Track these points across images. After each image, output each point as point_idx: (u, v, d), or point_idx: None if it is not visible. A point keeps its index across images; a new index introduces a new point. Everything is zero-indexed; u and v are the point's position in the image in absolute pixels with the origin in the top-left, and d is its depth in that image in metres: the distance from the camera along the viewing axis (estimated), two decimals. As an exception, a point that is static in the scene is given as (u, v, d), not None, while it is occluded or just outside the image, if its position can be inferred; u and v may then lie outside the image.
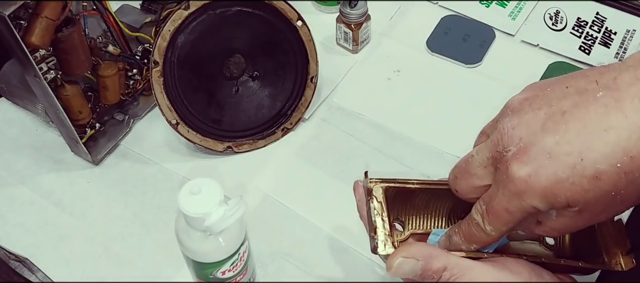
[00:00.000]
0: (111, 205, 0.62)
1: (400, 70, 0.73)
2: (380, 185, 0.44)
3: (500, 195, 0.38)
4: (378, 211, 0.43)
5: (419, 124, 0.68)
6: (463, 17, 0.78)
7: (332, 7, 0.79)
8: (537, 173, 0.36)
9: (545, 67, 0.72)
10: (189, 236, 0.47)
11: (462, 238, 0.42)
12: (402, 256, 0.40)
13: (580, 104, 0.36)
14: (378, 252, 0.42)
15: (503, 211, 0.38)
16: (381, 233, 0.43)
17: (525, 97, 0.39)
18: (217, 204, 0.44)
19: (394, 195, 0.45)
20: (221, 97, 0.65)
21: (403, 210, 0.47)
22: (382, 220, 0.43)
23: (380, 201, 0.44)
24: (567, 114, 0.36)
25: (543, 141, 0.36)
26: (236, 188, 0.63)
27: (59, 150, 0.66)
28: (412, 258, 0.40)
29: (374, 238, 0.43)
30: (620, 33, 0.75)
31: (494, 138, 0.38)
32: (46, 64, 0.58)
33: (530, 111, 0.38)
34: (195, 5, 0.58)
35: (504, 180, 0.37)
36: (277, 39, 0.64)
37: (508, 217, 0.38)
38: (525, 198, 0.37)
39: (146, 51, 0.67)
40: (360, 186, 0.46)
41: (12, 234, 0.60)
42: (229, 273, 0.50)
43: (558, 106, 0.37)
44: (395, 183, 0.45)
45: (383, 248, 0.42)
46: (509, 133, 0.37)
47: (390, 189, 0.45)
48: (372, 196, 0.44)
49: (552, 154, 0.36)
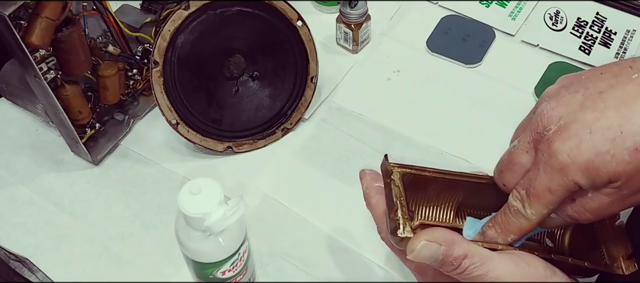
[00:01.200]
0: (111, 205, 0.62)
1: (400, 70, 0.73)
2: (398, 170, 0.44)
3: (541, 174, 0.38)
4: (397, 194, 0.43)
5: (419, 124, 0.68)
6: (463, 17, 0.78)
7: (332, 7, 0.79)
8: (579, 147, 0.37)
9: (545, 67, 0.72)
10: (189, 236, 0.47)
11: (499, 230, 0.42)
12: (425, 239, 0.40)
13: (616, 85, 0.38)
14: (397, 234, 0.41)
15: (545, 191, 0.39)
16: (401, 215, 0.42)
17: (562, 85, 0.40)
18: (217, 204, 0.44)
19: (409, 182, 0.45)
20: (221, 97, 0.65)
21: (414, 200, 0.47)
22: (401, 203, 0.43)
23: (398, 185, 0.43)
24: (604, 93, 0.38)
25: (583, 118, 0.37)
26: (236, 188, 0.63)
27: (59, 150, 0.66)
28: (435, 243, 0.40)
29: (394, 219, 0.42)
30: (620, 33, 0.75)
31: (533, 121, 0.39)
32: (46, 64, 0.58)
33: (567, 94, 0.39)
34: (195, 5, 0.58)
35: (545, 158, 0.38)
36: (277, 39, 0.64)
37: (550, 197, 0.39)
38: (568, 173, 0.37)
39: (146, 51, 0.67)
40: (367, 174, 0.46)
41: (12, 234, 0.60)
42: (229, 273, 0.50)
43: (594, 87, 0.38)
44: (412, 170, 0.45)
45: (402, 230, 0.41)
46: (549, 114, 0.39)
47: (407, 175, 0.44)
48: (391, 179, 0.44)
49: (593, 129, 0.37)
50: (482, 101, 0.69)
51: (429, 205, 0.48)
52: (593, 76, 0.39)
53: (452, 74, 0.73)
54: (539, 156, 0.39)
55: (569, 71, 0.72)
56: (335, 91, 0.71)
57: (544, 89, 0.68)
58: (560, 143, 0.37)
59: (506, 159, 0.41)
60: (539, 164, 0.39)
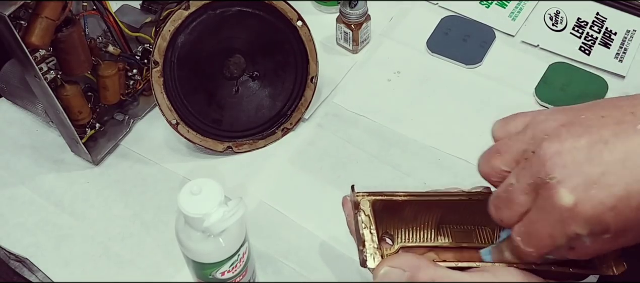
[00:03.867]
0: (111, 205, 0.62)
1: (400, 71, 0.73)
2: (367, 199, 0.44)
3: (543, 221, 0.38)
4: (366, 224, 0.43)
5: (420, 125, 0.68)
6: (463, 17, 0.78)
7: (332, 7, 0.79)
8: (583, 202, 0.36)
9: (545, 68, 0.72)
10: (188, 237, 0.47)
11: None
12: (388, 265, 0.41)
13: (620, 135, 0.37)
14: (367, 266, 0.42)
15: (546, 237, 0.39)
16: (369, 246, 0.42)
17: (562, 124, 0.39)
18: (217, 205, 0.44)
19: (382, 208, 0.45)
20: (221, 97, 0.65)
21: (392, 223, 0.47)
22: (371, 232, 0.43)
23: (368, 215, 0.44)
24: (609, 144, 0.37)
25: (589, 172, 0.37)
26: (236, 189, 0.63)
27: (59, 150, 0.66)
28: (398, 269, 0.40)
29: (362, 251, 0.42)
30: (620, 33, 0.75)
31: (534, 164, 0.39)
32: (46, 64, 0.58)
33: (570, 138, 0.38)
34: (195, 5, 0.58)
35: (548, 207, 0.38)
36: (277, 39, 0.64)
37: (550, 242, 0.39)
38: (571, 225, 0.37)
39: (146, 51, 0.67)
40: (349, 201, 0.46)
41: (12, 234, 0.60)
42: (229, 274, 0.50)
43: (598, 134, 0.37)
44: (382, 196, 0.45)
45: (372, 261, 0.42)
46: (553, 159, 0.38)
47: (377, 202, 0.45)
48: (359, 210, 0.44)
49: (599, 184, 0.36)
50: (483, 102, 0.69)
51: (408, 227, 0.47)
52: (593, 116, 0.39)
53: (453, 74, 0.73)
54: (541, 202, 0.38)
55: (570, 71, 0.72)
56: (336, 93, 0.71)
57: (544, 90, 0.70)
58: (564, 195, 0.37)
59: (504, 197, 0.41)
60: (540, 210, 0.38)
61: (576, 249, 0.39)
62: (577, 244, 0.39)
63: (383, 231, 0.47)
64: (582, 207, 0.37)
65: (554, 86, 0.70)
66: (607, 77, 0.71)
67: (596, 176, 0.36)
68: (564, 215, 0.37)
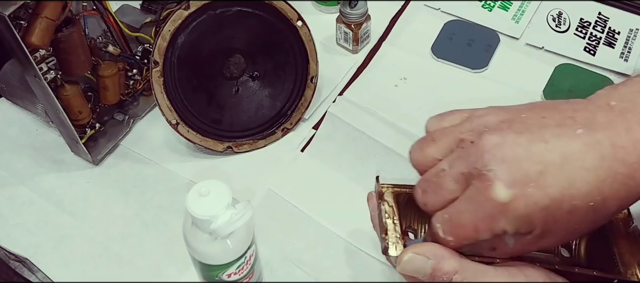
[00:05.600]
0: (111, 205, 0.62)
1: (406, 77, 0.72)
2: (391, 190, 0.44)
3: (470, 212, 0.37)
4: (389, 214, 0.43)
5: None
6: (466, 21, 0.77)
7: (332, 7, 0.78)
8: (518, 199, 0.36)
9: (551, 70, 0.71)
10: (196, 238, 0.47)
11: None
12: (413, 252, 0.40)
13: (561, 137, 0.37)
14: (389, 253, 0.42)
15: (470, 228, 0.38)
16: (392, 235, 0.42)
17: (502, 120, 0.39)
18: (225, 207, 0.44)
19: (406, 202, 0.45)
20: (221, 97, 0.65)
21: (415, 218, 0.47)
22: (394, 223, 0.42)
23: (392, 206, 0.43)
24: (549, 144, 0.37)
25: (528, 168, 0.36)
26: (235, 189, 0.63)
27: (59, 150, 0.66)
28: (422, 256, 0.39)
29: (384, 239, 0.42)
30: (624, 33, 0.75)
31: (472, 154, 0.38)
32: (46, 64, 0.58)
33: (511, 133, 0.37)
34: (195, 5, 0.58)
35: (480, 199, 0.37)
36: (277, 39, 0.64)
37: (473, 234, 0.38)
38: (500, 220, 0.37)
39: (146, 51, 0.67)
40: (374, 196, 0.46)
41: (12, 234, 0.60)
42: (235, 276, 0.49)
43: (539, 134, 0.37)
44: (407, 189, 0.44)
45: (394, 249, 0.41)
46: (492, 151, 0.37)
47: (402, 195, 0.44)
48: (383, 200, 0.43)
49: (536, 182, 0.36)
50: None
51: None
52: (534, 117, 0.38)
53: (460, 80, 0.72)
54: (473, 192, 0.37)
55: (576, 72, 0.71)
56: (343, 99, 0.70)
57: (553, 92, 0.70)
58: (501, 190, 0.36)
59: (434, 182, 0.40)
60: (470, 201, 0.38)
61: (498, 249, 0.39)
62: (499, 244, 0.38)
63: (406, 225, 0.46)
64: (515, 204, 0.36)
65: (561, 88, 0.70)
66: (613, 77, 0.71)
67: (534, 175, 0.36)
68: (495, 209, 0.36)
